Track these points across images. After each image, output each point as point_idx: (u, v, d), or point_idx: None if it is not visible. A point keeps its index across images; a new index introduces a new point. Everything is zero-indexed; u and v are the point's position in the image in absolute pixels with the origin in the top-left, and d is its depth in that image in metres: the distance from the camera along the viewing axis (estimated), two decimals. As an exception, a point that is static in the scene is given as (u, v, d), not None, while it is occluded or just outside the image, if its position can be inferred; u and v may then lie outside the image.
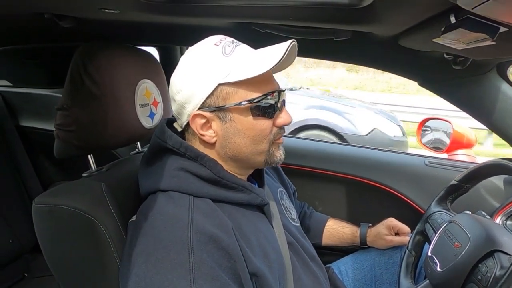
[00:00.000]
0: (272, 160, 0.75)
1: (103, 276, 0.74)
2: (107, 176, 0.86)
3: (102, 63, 0.80)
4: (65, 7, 0.80)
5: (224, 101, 0.69)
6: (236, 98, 0.69)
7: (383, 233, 1.07)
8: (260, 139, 0.72)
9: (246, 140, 0.71)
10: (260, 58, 0.68)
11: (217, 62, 0.68)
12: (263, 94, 0.69)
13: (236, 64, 0.68)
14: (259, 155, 0.74)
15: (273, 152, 0.74)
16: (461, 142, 1.57)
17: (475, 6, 0.46)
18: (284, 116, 0.74)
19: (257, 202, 0.75)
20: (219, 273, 0.58)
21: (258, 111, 0.70)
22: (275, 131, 0.73)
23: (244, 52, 0.70)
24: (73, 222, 0.73)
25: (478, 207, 0.91)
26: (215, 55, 0.69)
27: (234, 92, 0.68)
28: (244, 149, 0.72)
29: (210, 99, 0.69)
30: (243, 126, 0.70)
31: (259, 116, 0.70)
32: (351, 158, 1.44)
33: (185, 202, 0.67)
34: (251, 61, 0.68)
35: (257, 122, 0.70)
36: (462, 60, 0.90)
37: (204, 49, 0.71)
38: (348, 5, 0.70)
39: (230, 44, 0.71)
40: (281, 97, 0.73)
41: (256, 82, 0.69)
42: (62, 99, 0.79)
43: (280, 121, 0.73)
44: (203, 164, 0.71)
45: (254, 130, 0.71)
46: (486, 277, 0.66)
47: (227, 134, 0.71)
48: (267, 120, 0.71)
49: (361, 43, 0.99)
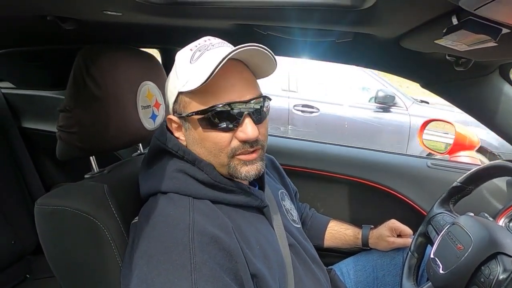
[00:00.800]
0: (236, 175, 0.70)
1: (105, 277, 0.74)
2: (109, 177, 0.86)
3: (104, 65, 0.80)
4: (67, 9, 0.80)
5: (184, 109, 0.70)
6: (190, 107, 0.69)
7: (385, 235, 1.07)
8: (216, 152, 0.69)
9: (203, 150, 0.71)
10: (212, 65, 0.62)
11: (182, 69, 0.69)
12: (211, 106, 0.65)
13: (194, 73, 0.66)
14: (221, 167, 0.71)
15: (235, 167, 0.70)
16: (464, 144, 1.56)
17: (477, 8, 0.46)
18: (245, 129, 0.67)
19: (256, 204, 0.75)
20: (220, 274, 0.58)
21: (207, 123, 0.67)
22: (236, 145, 0.68)
23: (208, 58, 0.67)
24: (75, 224, 0.73)
25: (481, 209, 0.91)
26: (183, 61, 0.70)
27: (189, 102, 0.69)
28: (204, 158, 0.71)
29: (175, 106, 0.72)
30: (199, 136, 0.70)
31: (209, 128, 0.67)
32: (353, 160, 1.44)
33: (185, 204, 0.67)
34: (205, 70, 0.63)
35: (208, 134, 0.68)
36: (464, 62, 0.90)
37: (180, 54, 0.73)
38: (350, 7, 0.70)
39: (205, 48, 0.69)
40: (241, 109, 0.66)
41: (208, 92, 0.66)
42: (65, 101, 0.80)
43: (240, 135, 0.68)
44: (200, 168, 0.71)
45: (207, 141, 0.69)
46: (489, 280, 0.65)
47: (189, 141, 0.73)
48: (221, 133, 0.67)
49: (363, 44, 0.99)
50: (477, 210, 0.87)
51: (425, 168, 1.36)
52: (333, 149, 1.52)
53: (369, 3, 0.66)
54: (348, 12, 0.72)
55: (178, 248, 0.58)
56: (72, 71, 0.79)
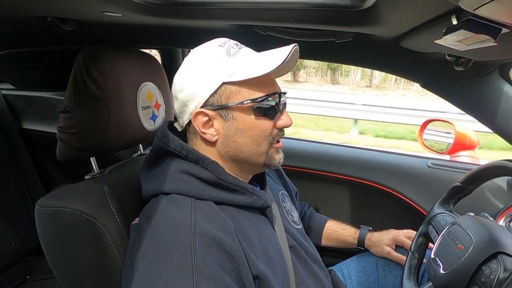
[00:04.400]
0: (271, 163, 0.75)
1: (105, 278, 0.74)
2: (109, 178, 0.86)
3: (104, 66, 0.80)
4: (67, 10, 0.80)
5: (227, 99, 0.70)
6: (239, 97, 0.70)
7: (385, 243, 1.07)
8: (261, 140, 0.73)
9: (247, 140, 0.72)
10: (263, 60, 0.69)
11: (222, 62, 0.70)
12: (265, 94, 0.71)
13: (240, 64, 0.69)
14: (259, 156, 0.74)
15: (272, 154, 0.75)
16: (464, 144, 1.56)
17: (477, 8, 0.46)
18: (285, 118, 0.75)
19: (259, 204, 0.75)
20: (222, 276, 0.58)
21: (260, 111, 0.71)
22: (275, 133, 0.74)
23: (248, 54, 0.72)
24: (76, 225, 0.73)
25: (481, 208, 0.91)
26: (220, 55, 0.71)
27: (237, 91, 0.70)
28: (245, 148, 0.72)
29: (213, 97, 0.70)
30: (244, 125, 0.71)
31: (261, 116, 0.71)
32: (353, 160, 1.44)
33: (187, 205, 0.67)
34: (255, 62, 0.70)
35: (258, 121, 0.71)
36: (464, 62, 0.90)
37: (209, 50, 0.73)
38: (350, 7, 0.70)
39: (234, 46, 0.72)
40: (282, 99, 0.74)
41: (259, 83, 0.70)
42: (65, 102, 0.80)
43: (281, 122, 0.74)
44: (204, 167, 0.71)
45: (255, 129, 0.72)
46: (490, 279, 0.65)
47: (228, 132, 0.72)
48: (268, 121, 0.72)
49: (362, 44, 0.99)
50: (478, 210, 0.87)
51: (426, 168, 1.36)
52: (333, 149, 1.52)
53: (369, 3, 0.66)
54: (348, 12, 0.72)
55: (180, 250, 0.58)
56: (72, 72, 0.79)
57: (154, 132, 0.92)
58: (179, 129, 0.78)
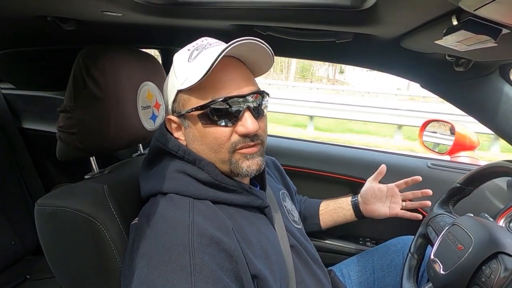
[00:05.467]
0: (238, 171, 0.70)
1: (104, 278, 0.74)
2: (109, 178, 0.86)
3: (104, 66, 0.80)
4: (68, 10, 0.80)
5: (183, 107, 0.71)
6: (189, 104, 0.70)
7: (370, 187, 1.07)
8: (216, 148, 0.69)
9: (203, 147, 0.71)
10: (210, 62, 0.63)
11: (180, 68, 0.70)
12: (210, 101, 0.66)
13: (192, 70, 0.67)
14: (223, 164, 0.71)
15: (237, 162, 0.70)
16: (464, 144, 1.56)
17: (477, 8, 0.46)
18: (245, 123, 0.67)
19: (257, 204, 0.75)
20: (220, 275, 0.58)
21: (207, 118, 0.67)
22: (236, 140, 0.69)
23: (206, 56, 0.67)
24: (75, 224, 0.73)
25: (481, 209, 0.91)
26: (182, 61, 0.71)
27: (188, 99, 0.70)
28: (205, 155, 0.71)
29: (174, 105, 0.72)
30: (198, 132, 0.70)
31: (209, 124, 0.68)
32: (353, 160, 1.44)
33: (185, 204, 0.67)
34: (203, 66, 0.64)
35: (208, 129, 0.68)
36: (464, 62, 0.90)
37: (178, 54, 0.74)
38: (350, 7, 0.70)
39: (202, 47, 0.70)
40: (239, 104, 0.67)
41: (207, 88, 0.67)
42: (65, 102, 0.80)
43: (240, 129, 0.68)
44: (201, 167, 0.71)
45: (207, 137, 0.69)
46: (490, 279, 0.65)
47: (188, 139, 0.73)
48: (221, 128, 0.68)
49: (363, 45, 0.99)
50: (477, 211, 0.87)
51: (425, 168, 1.36)
52: (333, 149, 1.52)
53: (370, 3, 0.66)
54: (348, 12, 0.72)
55: (178, 249, 0.58)
56: (72, 72, 0.79)
57: (154, 131, 0.92)
58: None
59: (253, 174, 0.72)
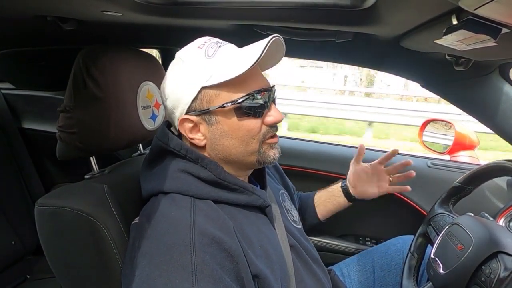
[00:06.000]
0: (265, 160, 0.74)
1: (105, 277, 0.74)
2: (109, 178, 0.86)
3: (104, 65, 0.80)
4: (67, 9, 0.80)
5: (208, 104, 0.69)
6: (219, 100, 0.69)
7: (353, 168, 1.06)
8: (249, 139, 0.71)
9: (234, 142, 0.71)
10: (241, 58, 0.67)
11: (200, 65, 0.69)
12: (246, 94, 0.68)
13: (217, 66, 0.68)
14: (250, 155, 0.73)
15: (265, 151, 0.73)
16: (464, 144, 1.56)
17: (477, 8, 0.46)
18: (273, 114, 0.73)
19: (258, 203, 0.75)
20: (221, 275, 0.58)
21: (243, 111, 0.69)
22: (265, 130, 0.72)
23: (227, 53, 0.70)
24: (75, 224, 0.73)
25: (481, 208, 0.91)
26: (198, 58, 0.70)
27: (217, 95, 0.69)
28: (233, 150, 0.72)
29: (195, 103, 0.70)
30: (229, 127, 0.70)
31: (244, 116, 0.69)
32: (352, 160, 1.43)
33: (187, 204, 0.67)
34: (232, 62, 0.68)
35: (243, 122, 0.70)
36: (464, 61, 0.90)
37: (187, 53, 0.72)
38: (350, 7, 0.70)
39: (214, 46, 0.71)
40: (268, 95, 0.71)
41: (238, 83, 0.68)
42: (65, 101, 0.80)
43: (269, 119, 0.72)
44: (204, 166, 0.71)
45: (240, 130, 0.70)
46: (490, 279, 0.66)
47: (214, 136, 0.72)
48: (254, 120, 0.70)
49: (362, 44, 0.99)
50: (477, 210, 0.88)
51: (425, 168, 1.36)
52: (333, 149, 1.52)
53: (369, 3, 0.66)
54: (348, 12, 0.72)
55: (179, 249, 0.58)
56: (72, 72, 0.79)
57: (154, 131, 0.92)
58: (176, 133, 0.78)
59: (274, 162, 0.76)
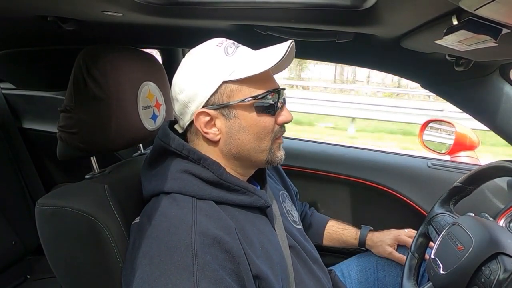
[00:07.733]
0: (273, 159, 0.76)
1: (105, 278, 0.74)
2: (110, 178, 0.86)
3: (105, 66, 0.80)
4: (68, 10, 0.80)
5: (229, 98, 0.70)
6: (240, 95, 0.70)
7: (387, 243, 1.07)
8: (263, 136, 0.73)
9: (249, 137, 0.72)
10: (261, 57, 0.70)
11: (221, 61, 0.70)
12: (266, 91, 0.71)
13: (239, 63, 0.70)
14: (261, 153, 0.74)
15: (275, 151, 0.76)
16: (464, 144, 1.56)
17: (477, 8, 0.46)
18: (285, 113, 0.76)
19: (259, 204, 0.75)
20: (222, 276, 0.58)
21: (261, 107, 0.71)
22: (277, 129, 0.75)
23: (245, 52, 0.73)
24: (76, 224, 0.73)
25: (482, 209, 0.91)
26: (218, 54, 0.71)
27: (238, 90, 0.70)
28: (248, 146, 0.73)
29: (214, 97, 0.70)
30: (247, 122, 0.71)
31: (263, 113, 0.72)
32: (353, 160, 1.43)
33: (188, 204, 0.67)
34: (254, 60, 0.71)
35: (260, 118, 0.72)
36: (464, 62, 0.90)
37: (206, 50, 0.73)
38: (350, 7, 0.70)
39: (232, 45, 0.73)
40: (281, 96, 0.75)
41: (258, 80, 0.71)
42: (65, 101, 0.80)
43: (282, 118, 0.75)
44: (205, 166, 0.71)
45: (257, 126, 0.72)
46: (490, 280, 0.65)
47: (231, 131, 0.72)
48: (270, 117, 0.73)
49: (363, 45, 0.99)
50: (478, 210, 0.87)
51: (426, 168, 1.36)
52: (333, 149, 1.52)
53: (370, 3, 0.66)
54: (348, 12, 0.73)
55: (180, 249, 0.58)
56: (72, 72, 0.79)
57: (154, 131, 0.92)
58: (180, 131, 0.78)
59: (281, 163, 0.79)
